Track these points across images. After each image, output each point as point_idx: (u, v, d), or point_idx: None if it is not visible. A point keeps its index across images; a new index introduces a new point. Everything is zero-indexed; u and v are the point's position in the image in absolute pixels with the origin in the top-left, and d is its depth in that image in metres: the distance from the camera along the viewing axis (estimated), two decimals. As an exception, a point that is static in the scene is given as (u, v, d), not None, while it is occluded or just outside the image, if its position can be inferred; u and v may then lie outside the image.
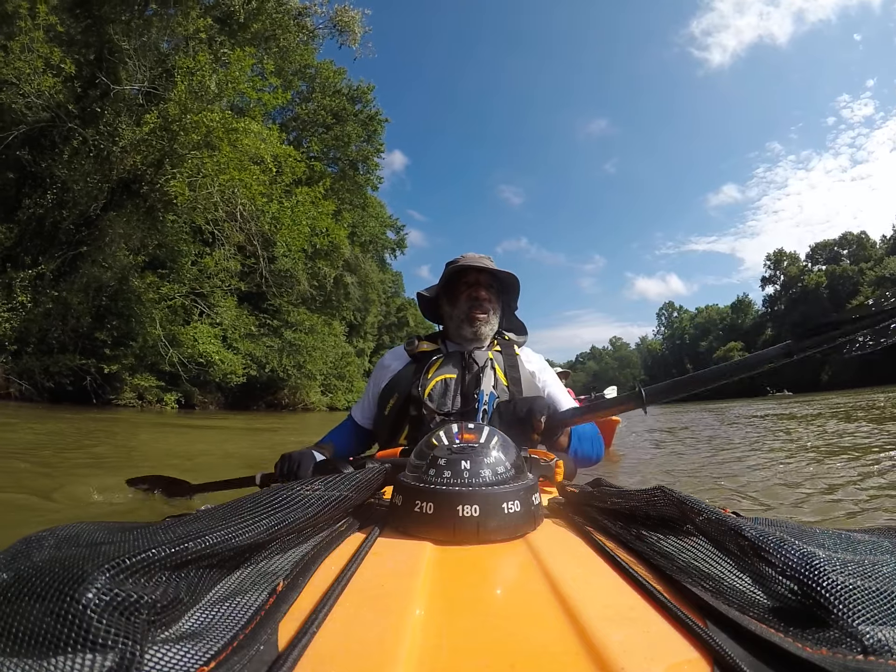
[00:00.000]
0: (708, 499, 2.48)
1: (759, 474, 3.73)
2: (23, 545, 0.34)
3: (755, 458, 4.49)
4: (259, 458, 5.07)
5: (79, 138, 11.38)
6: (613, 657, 0.29)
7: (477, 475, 0.53)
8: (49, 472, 3.04)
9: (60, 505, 2.21)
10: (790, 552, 0.34)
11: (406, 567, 0.44)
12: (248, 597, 0.34)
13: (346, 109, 21.17)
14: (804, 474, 3.63)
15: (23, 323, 10.45)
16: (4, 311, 10.26)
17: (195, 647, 0.27)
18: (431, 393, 1.12)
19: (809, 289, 50.97)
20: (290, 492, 0.45)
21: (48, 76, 10.22)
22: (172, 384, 13.41)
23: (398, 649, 0.30)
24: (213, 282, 14.05)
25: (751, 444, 6.18)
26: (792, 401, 20.52)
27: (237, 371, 14.52)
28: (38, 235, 11.48)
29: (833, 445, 4.98)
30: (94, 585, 0.25)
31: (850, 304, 43.47)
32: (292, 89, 19.30)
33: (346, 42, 15.95)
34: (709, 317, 71.13)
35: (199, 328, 13.61)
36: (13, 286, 10.49)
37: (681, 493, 0.47)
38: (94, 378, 11.48)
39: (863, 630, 0.28)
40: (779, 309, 56.49)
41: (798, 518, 2.42)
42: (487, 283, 1.24)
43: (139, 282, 12.00)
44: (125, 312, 12.01)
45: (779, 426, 8.00)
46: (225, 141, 10.97)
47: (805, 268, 55.10)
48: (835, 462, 3.97)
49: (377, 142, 23.24)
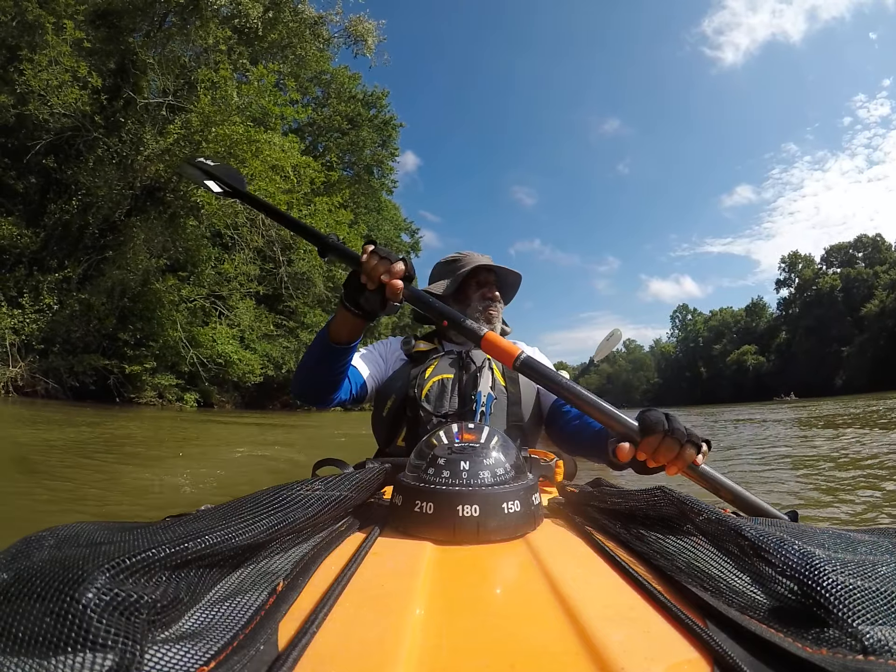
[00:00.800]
0: (705, 499, 2.51)
1: (764, 475, 3.77)
2: (23, 545, 0.34)
3: (752, 459, 4.52)
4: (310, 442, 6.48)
5: (103, 147, 11.75)
6: (613, 657, 0.29)
7: (476, 475, 0.53)
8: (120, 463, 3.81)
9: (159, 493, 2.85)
10: (790, 552, 0.34)
11: (406, 567, 0.44)
12: (248, 597, 0.34)
13: (361, 115, 21.55)
14: (805, 475, 3.66)
15: (49, 324, 10.90)
16: (32, 313, 10.76)
17: (195, 647, 0.27)
18: (428, 394, 1.11)
19: (824, 292, 50.67)
20: (290, 492, 0.45)
21: (74, 88, 10.56)
22: (191, 383, 13.81)
23: (398, 649, 0.30)
24: (233, 284, 14.48)
25: (748, 445, 6.30)
26: (795, 405, 20.65)
27: (255, 371, 14.88)
28: (64, 240, 11.85)
29: (834, 452, 5.06)
30: (94, 585, 0.25)
31: (864, 307, 43.24)
32: (308, 95, 20.10)
33: (360, 52, 16.39)
34: (723, 319, 70.52)
35: (217, 329, 14.01)
36: (40, 289, 10.96)
37: (681, 493, 0.47)
38: (117, 377, 11.94)
39: (863, 630, 0.28)
40: (793, 312, 56.17)
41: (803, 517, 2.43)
42: (494, 281, 1.26)
43: (160, 284, 12.34)
44: (146, 315, 12.43)
45: (771, 431, 8.16)
46: (249, 153, 11.37)
47: (820, 271, 54.70)
48: (833, 465, 4.00)
49: (392, 146, 23.60)
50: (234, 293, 14.67)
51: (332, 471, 0.79)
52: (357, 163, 22.44)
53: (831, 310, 48.75)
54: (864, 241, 51.42)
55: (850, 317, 45.89)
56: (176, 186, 12.15)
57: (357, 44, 16.06)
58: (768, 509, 0.68)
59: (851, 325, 45.49)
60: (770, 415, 12.69)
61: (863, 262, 50.68)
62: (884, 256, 48.38)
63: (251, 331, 15.28)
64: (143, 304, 12.28)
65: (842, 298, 48.67)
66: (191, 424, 8.89)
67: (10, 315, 10.56)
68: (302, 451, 5.46)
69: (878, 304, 42.46)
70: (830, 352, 46.90)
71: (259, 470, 4.07)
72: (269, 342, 16.20)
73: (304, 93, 19.72)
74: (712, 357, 67.35)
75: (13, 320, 10.56)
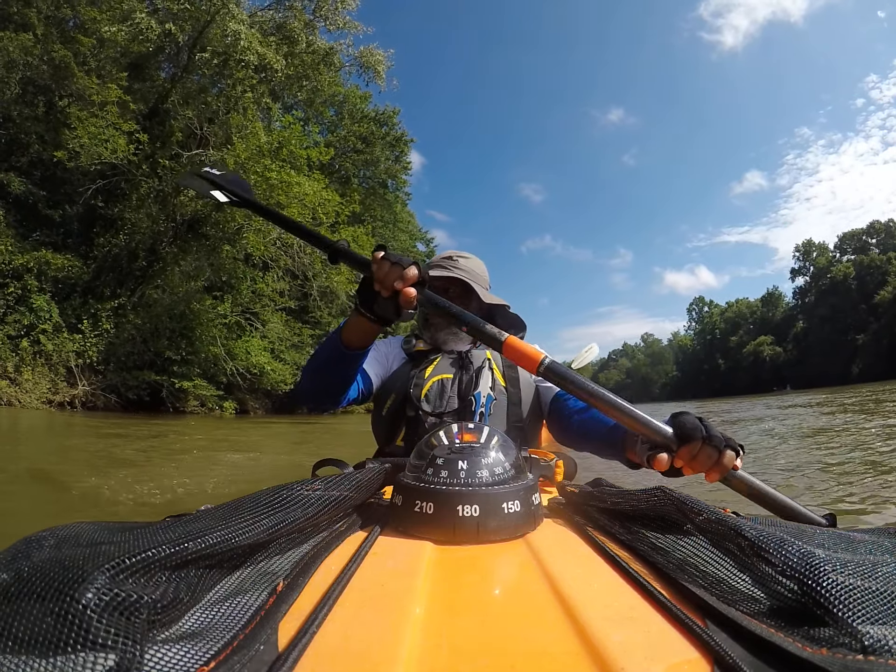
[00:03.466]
0: (705, 499, 2.52)
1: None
2: (23, 545, 0.34)
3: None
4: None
5: (145, 186, 13.15)
6: (613, 657, 0.29)
7: (476, 475, 0.53)
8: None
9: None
10: (790, 552, 0.34)
11: (406, 567, 0.44)
12: (248, 597, 0.34)
13: (374, 133, 22.74)
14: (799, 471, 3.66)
15: (106, 346, 12.62)
16: (92, 337, 12.37)
17: (195, 647, 0.27)
18: (428, 394, 1.11)
19: (838, 280, 50.01)
20: (290, 492, 0.45)
21: (122, 140, 12.02)
22: (228, 392, 15.50)
23: (398, 649, 0.30)
24: (264, 301, 16.16)
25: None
26: (789, 396, 21.03)
27: (287, 380, 16.16)
28: (114, 270, 13.46)
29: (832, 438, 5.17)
30: (94, 585, 0.25)
31: (878, 294, 42.79)
32: (324, 118, 21.84)
33: (371, 79, 17.48)
34: (739, 311, 69.83)
35: (251, 342, 15.51)
36: (98, 316, 12.62)
37: (681, 494, 0.47)
38: (168, 389, 13.64)
39: (863, 630, 0.28)
40: (809, 301, 55.43)
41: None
42: (444, 286, 1.18)
43: (200, 305, 13.98)
44: (188, 334, 13.95)
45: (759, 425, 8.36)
46: (284, 196, 12.92)
47: (834, 258, 54.02)
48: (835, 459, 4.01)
49: (404, 161, 25.01)
50: (266, 308, 16.30)
51: (332, 471, 0.79)
52: (372, 177, 23.70)
53: (846, 298, 48.17)
54: (877, 226, 50.81)
55: (865, 304, 45.38)
56: (216, 220, 13.69)
57: (367, 72, 17.12)
58: (807, 514, 0.67)
59: (866, 312, 45.02)
60: (761, 411, 12.92)
61: (876, 248, 50.06)
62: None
63: (280, 342, 16.79)
64: (186, 324, 13.82)
65: (856, 286, 48.13)
66: (241, 428, 10.37)
67: (72, 340, 12.12)
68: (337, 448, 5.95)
69: (892, 291, 41.91)
70: (846, 340, 46.38)
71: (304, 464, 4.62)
72: (297, 351, 17.60)
73: (320, 119, 21.69)
74: (729, 349, 66.73)
75: (75, 344, 12.10)
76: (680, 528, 0.46)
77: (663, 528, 0.48)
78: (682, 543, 0.44)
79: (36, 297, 11.75)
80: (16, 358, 11.22)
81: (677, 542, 0.44)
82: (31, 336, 11.56)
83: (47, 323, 11.77)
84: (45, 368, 11.67)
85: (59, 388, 11.83)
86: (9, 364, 11.05)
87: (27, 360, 11.36)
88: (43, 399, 11.40)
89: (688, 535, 0.45)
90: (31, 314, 11.60)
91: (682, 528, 0.46)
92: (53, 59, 11.80)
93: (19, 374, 11.15)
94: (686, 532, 0.45)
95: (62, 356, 11.89)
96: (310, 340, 18.19)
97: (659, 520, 0.49)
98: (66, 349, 11.93)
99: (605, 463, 1.03)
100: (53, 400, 11.63)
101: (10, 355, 11.14)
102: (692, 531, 0.44)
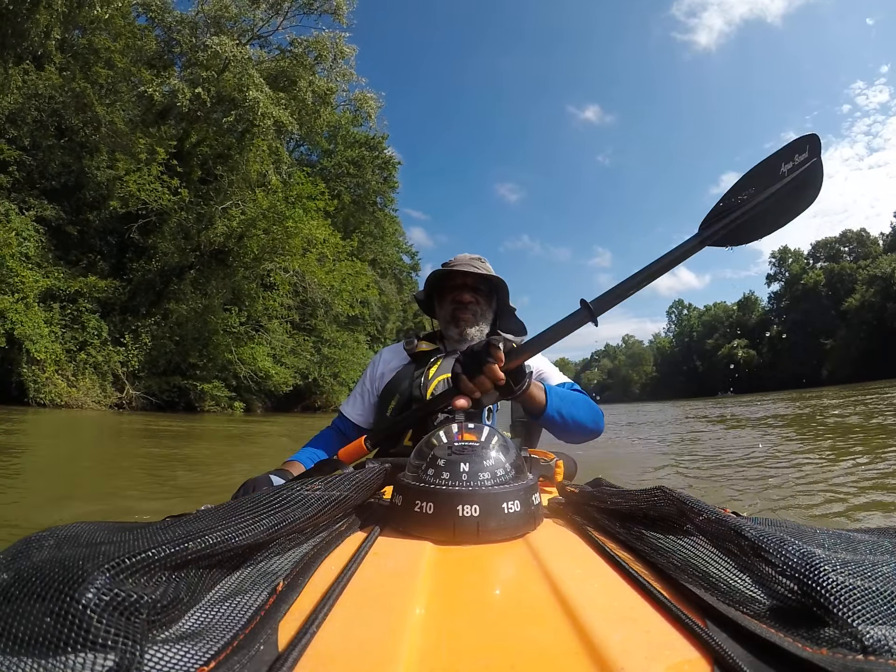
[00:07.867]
0: (704, 498, 2.55)
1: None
2: (23, 545, 0.34)
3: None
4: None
5: (174, 220, 15.96)
6: (613, 657, 0.29)
7: (476, 475, 0.53)
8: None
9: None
10: (790, 552, 0.34)
11: (406, 567, 0.44)
12: (248, 597, 0.34)
13: (365, 157, 25.24)
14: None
15: (146, 356, 15.24)
16: (134, 349, 15.00)
17: (195, 647, 0.27)
18: (433, 393, 1.12)
19: (809, 286, 51.41)
20: (290, 492, 0.45)
21: (165, 193, 14.86)
22: (236, 392, 17.89)
23: (398, 649, 0.30)
24: (271, 313, 18.89)
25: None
26: (731, 401, 21.87)
27: (288, 382, 18.57)
28: (147, 291, 16.06)
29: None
30: (94, 585, 0.25)
31: (846, 302, 43.84)
32: (319, 147, 24.86)
33: (363, 119, 20.38)
34: (716, 314, 71.48)
35: (256, 349, 17.93)
36: (138, 331, 15.29)
37: (681, 493, 0.47)
38: (195, 392, 16.29)
39: (863, 630, 0.28)
40: (784, 305, 56.70)
41: (797, 517, 2.44)
42: (474, 285, 1.25)
43: (217, 318, 16.56)
44: (207, 343, 16.42)
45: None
46: (299, 244, 15.88)
47: (807, 265, 55.33)
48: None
49: (392, 181, 27.63)
50: (272, 320, 19.03)
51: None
52: (364, 198, 26.11)
53: (817, 304, 49.66)
54: (849, 235, 51.80)
55: (835, 310, 47.00)
56: (237, 251, 16.40)
57: (360, 111, 20.02)
58: (569, 317, 0.89)
59: (836, 318, 46.61)
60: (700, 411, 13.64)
61: (849, 255, 51.20)
62: (868, 251, 48.76)
63: (281, 347, 19.12)
64: (207, 335, 16.32)
65: (826, 293, 49.57)
66: (250, 425, 12.03)
67: (117, 352, 14.75)
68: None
69: (859, 299, 43.12)
70: (817, 344, 48.14)
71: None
72: (296, 356, 19.80)
73: (313, 148, 25.07)
74: (706, 351, 68.21)
75: (120, 355, 14.77)
76: (680, 528, 0.46)
77: (663, 528, 0.47)
78: (682, 543, 0.44)
79: (87, 317, 14.32)
80: (73, 367, 13.67)
81: (677, 542, 0.44)
82: (86, 350, 14.08)
83: (97, 339, 14.35)
84: (96, 376, 14.22)
85: (108, 393, 14.48)
86: (68, 373, 13.51)
87: (82, 370, 13.86)
88: (96, 401, 13.88)
89: (688, 535, 0.45)
90: (84, 332, 14.15)
91: (682, 528, 0.46)
92: (101, 118, 14.97)
93: (77, 381, 13.65)
94: (686, 532, 0.45)
95: (111, 366, 14.54)
96: (307, 346, 20.46)
97: (659, 520, 0.49)
98: (112, 360, 14.56)
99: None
100: (103, 402, 14.14)
101: (69, 366, 13.57)
102: (692, 531, 0.44)
